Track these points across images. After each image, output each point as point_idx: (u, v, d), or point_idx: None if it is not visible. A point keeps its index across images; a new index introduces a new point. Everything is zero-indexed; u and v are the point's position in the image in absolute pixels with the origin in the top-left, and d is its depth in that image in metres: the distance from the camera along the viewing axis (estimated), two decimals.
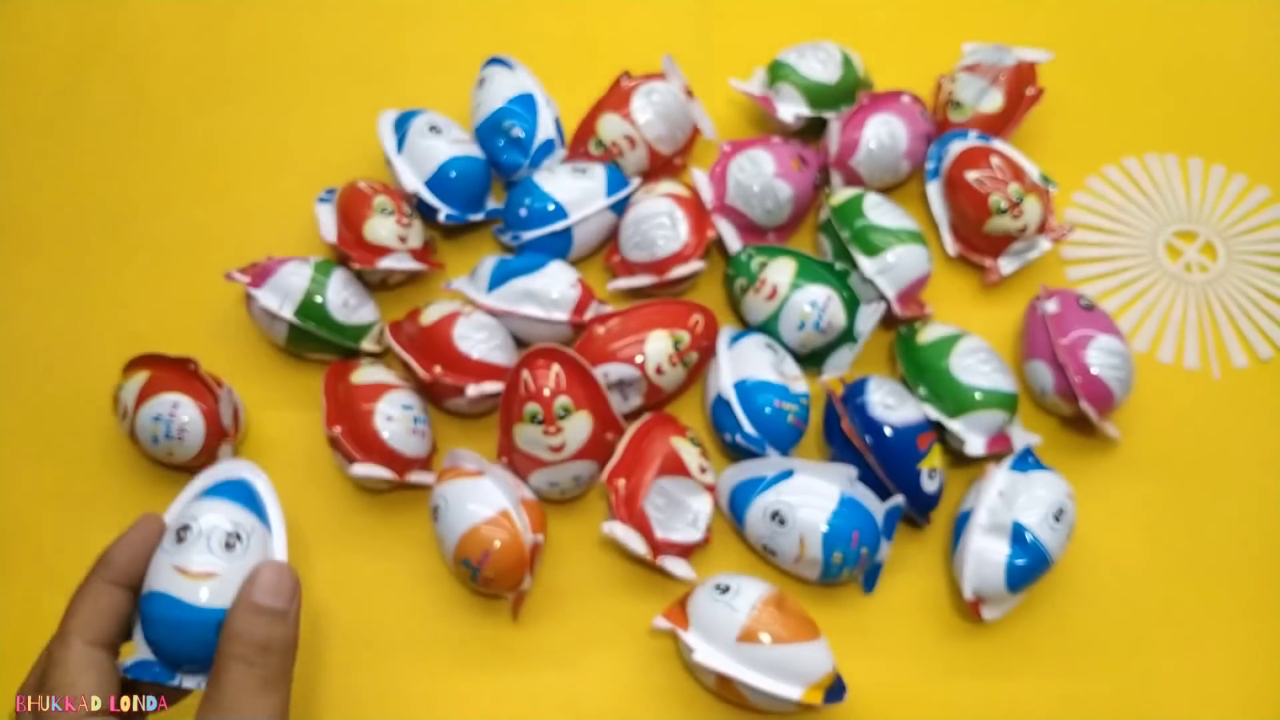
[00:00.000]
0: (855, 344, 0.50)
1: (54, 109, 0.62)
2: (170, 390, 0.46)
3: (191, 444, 0.46)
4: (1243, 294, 0.55)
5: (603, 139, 0.54)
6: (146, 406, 0.46)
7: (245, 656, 0.32)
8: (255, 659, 0.32)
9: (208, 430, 0.46)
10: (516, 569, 0.43)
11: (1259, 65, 0.63)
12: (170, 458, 0.47)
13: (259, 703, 0.32)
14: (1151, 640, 0.46)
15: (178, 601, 0.33)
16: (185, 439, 0.46)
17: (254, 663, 0.32)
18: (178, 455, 0.46)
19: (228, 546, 0.34)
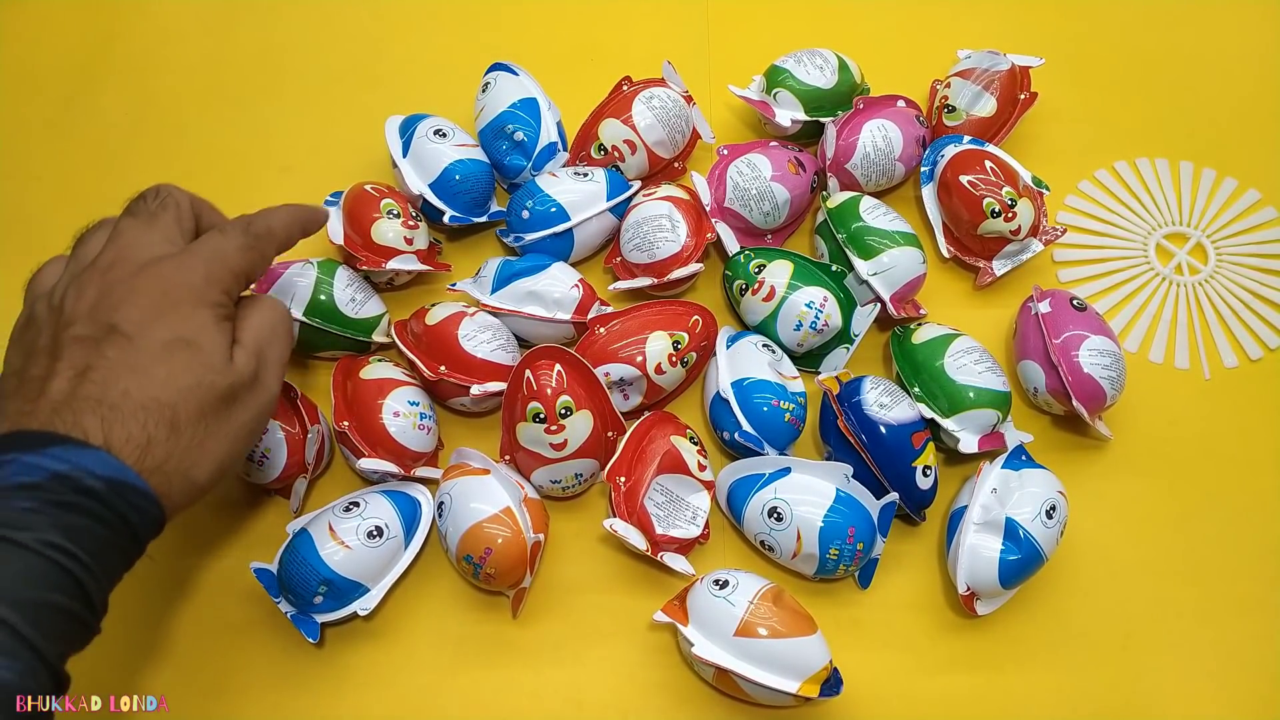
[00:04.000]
0: (851, 344, 0.51)
1: (61, 111, 0.62)
2: None
3: (269, 471, 0.46)
4: (1233, 295, 0.56)
5: (604, 143, 0.55)
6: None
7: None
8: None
9: (289, 461, 0.46)
10: (517, 567, 0.44)
11: (1250, 70, 0.64)
12: (246, 477, 0.47)
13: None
14: (1142, 635, 0.47)
15: (314, 549, 0.43)
16: (265, 465, 0.46)
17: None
18: (255, 477, 0.46)
19: (369, 535, 0.44)
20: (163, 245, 0.35)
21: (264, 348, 0.36)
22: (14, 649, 0.27)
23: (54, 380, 0.32)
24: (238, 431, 0.35)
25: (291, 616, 0.44)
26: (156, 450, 0.32)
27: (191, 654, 0.45)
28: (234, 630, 0.46)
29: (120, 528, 0.31)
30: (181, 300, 0.34)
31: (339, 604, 0.44)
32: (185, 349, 0.33)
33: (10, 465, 0.29)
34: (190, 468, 0.33)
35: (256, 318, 0.37)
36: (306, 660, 0.45)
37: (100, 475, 0.30)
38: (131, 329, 0.33)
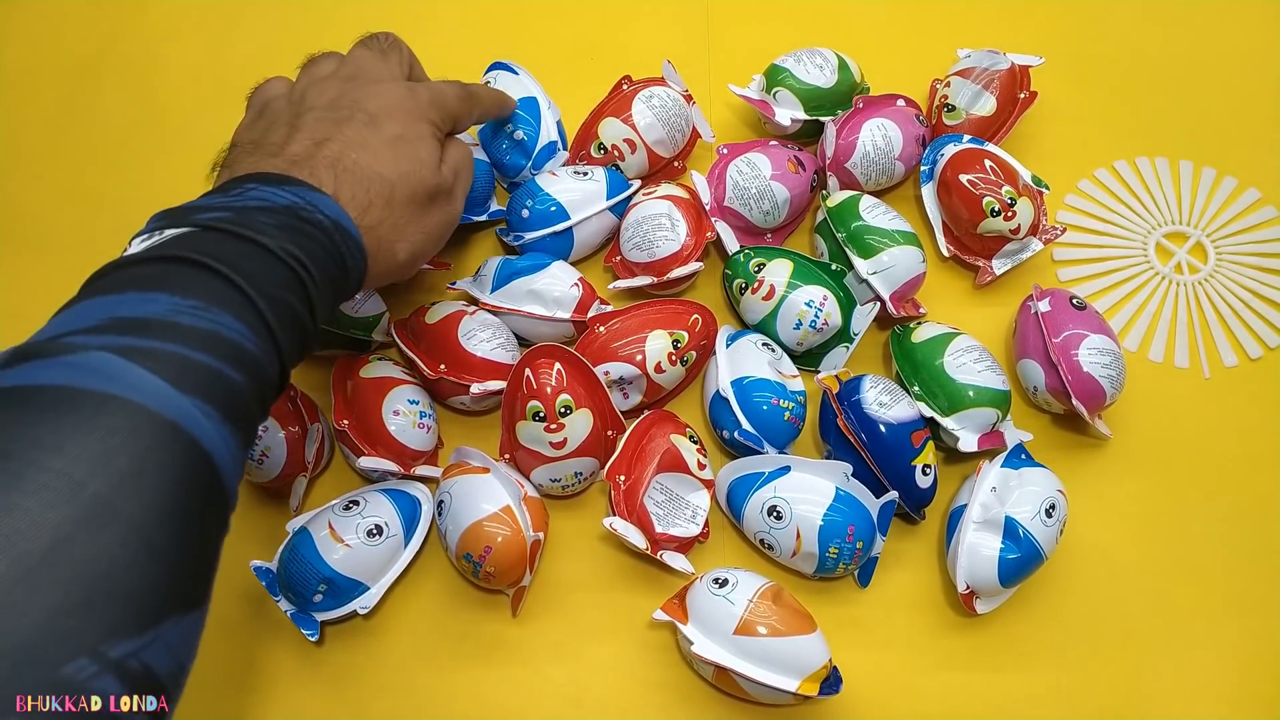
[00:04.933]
0: (851, 343, 0.51)
1: (63, 110, 0.63)
2: None
3: (269, 470, 0.46)
4: (1233, 294, 0.56)
5: (604, 142, 0.55)
6: None
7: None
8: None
9: (289, 460, 0.46)
10: (517, 565, 0.44)
11: (1250, 69, 0.64)
12: (246, 476, 0.47)
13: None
14: (1141, 634, 0.47)
15: (314, 547, 0.43)
16: (264, 464, 0.46)
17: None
18: (254, 476, 0.47)
19: (369, 534, 0.44)
20: (391, 74, 0.42)
21: (459, 171, 0.43)
22: (261, 331, 0.30)
23: (292, 144, 0.36)
24: (432, 228, 0.40)
25: (291, 615, 0.44)
26: (373, 213, 0.36)
27: None
28: (234, 629, 0.46)
29: (339, 261, 0.34)
30: (410, 110, 0.40)
31: (338, 602, 0.44)
32: (407, 145, 0.39)
33: (251, 192, 0.33)
34: (394, 241, 0.38)
35: (456, 148, 0.43)
36: (306, 658, 0.45)
37: (328, 215, 0.34)
38: (367, 118, 0.38)
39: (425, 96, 0.41)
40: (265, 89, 0.42)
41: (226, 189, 0.34)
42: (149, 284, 0.29)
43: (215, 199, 0.33)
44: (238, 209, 0.32)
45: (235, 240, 0.31)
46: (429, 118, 0.41)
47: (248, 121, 0.40)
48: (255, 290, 0.30)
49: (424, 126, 0.40)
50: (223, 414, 0.28)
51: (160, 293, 0.29)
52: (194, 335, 0.28)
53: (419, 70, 0.46)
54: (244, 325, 0.29)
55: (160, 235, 0.31)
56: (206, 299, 0.29)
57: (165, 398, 0.26)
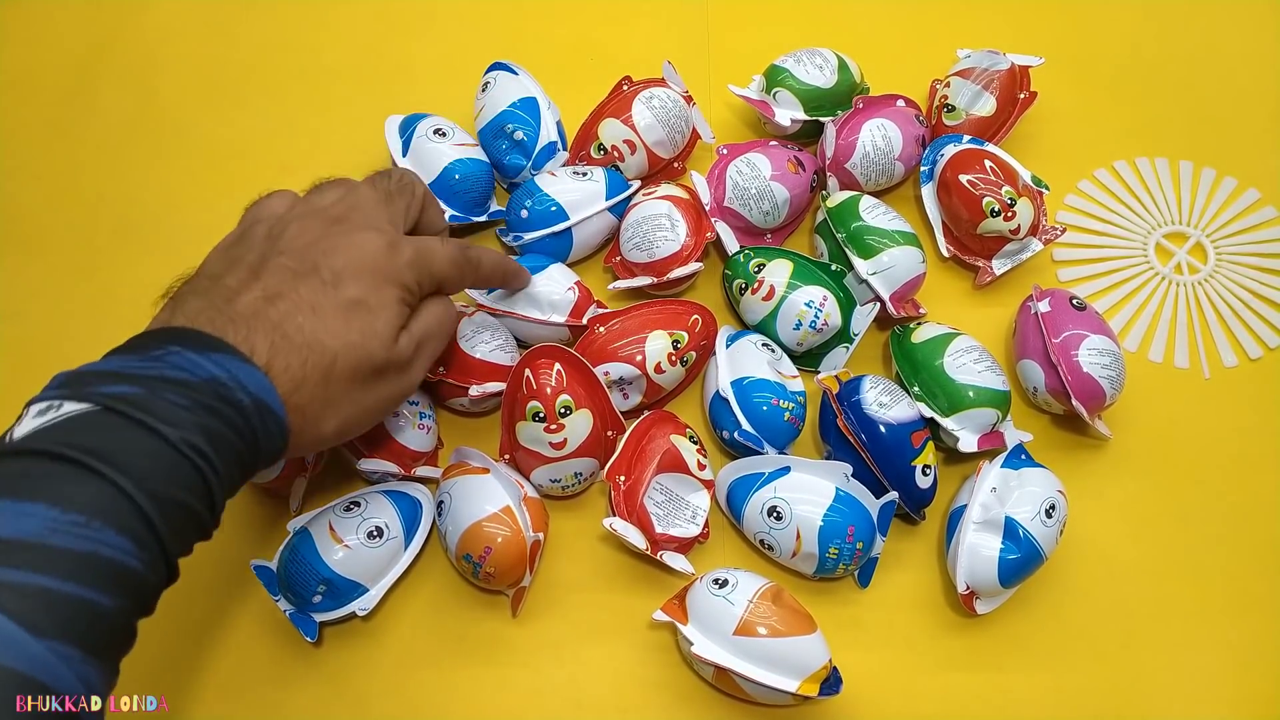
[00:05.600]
0: (850, 343, 0.51)
1: (63, 110, 0.63)
2: None
3: (269, 470, 0.45)
4: (1233, 294, 0.56)
5: (603, 142, 0.55)
6: None
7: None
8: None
9: (289, 460, 0.45)
10: (517, 565, 0.44)
11: (1250, 69, 0.64)
12: None
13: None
14: (1141, 634, 0.47)
15: (314, 548, 0.44)
16: None
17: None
18: (255, 477, 0.45)
19: (370, 535, 0.44)
20: (387, 223, 0.39)
21: (425, 341, 0.39)
22: (147, 541, 0.29)
23: (244, 294, 0.34)
24: (373, 403, 0.37)
25: (290, 615, 0.44)
26: (305, 391, 0.34)
27: (191, 653, 0.45)
28: (234, 629, 0.46)
29: (251, 445, 0.32)
30: (380, 270, 0.37)
31: (337, 604, 0.44)
32: (365, 313, 0.36)
33: (172, 358, 0.31)
34: (323, 418, 0.35)
35: (430, 311, 0.40)
36: (306, 659, 0.45)
37: (251, 392, 0.32)
38: (329, 275, 0.35)
39: (406, 256, 0.38)
40: (261, 207, 0.39)
41: (147, 347, 0.31)
42: (27, 490, 0.27)
43: (131, 362, 0.31)
44: (151, 381, 0.30)
45: (134, 430, 0.29)
46: (400, 280, 0.37)
47: (227, 243, 0.38)
48: (147, 495, 0.28)
49: (390, 291, 0.37)
50: (85, 651, 0.26)
51: (39, 503, 0.27)
52: (67, 560, 0.26)
53: (433, 214, 0.43)
54: (128, 539, 0.28)
55: (57, 411, 0.29)
56: (89, 512, 0.27)
57: (17, 647, 0.25)
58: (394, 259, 0.37)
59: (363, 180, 0.40)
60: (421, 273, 0.38)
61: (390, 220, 0.39)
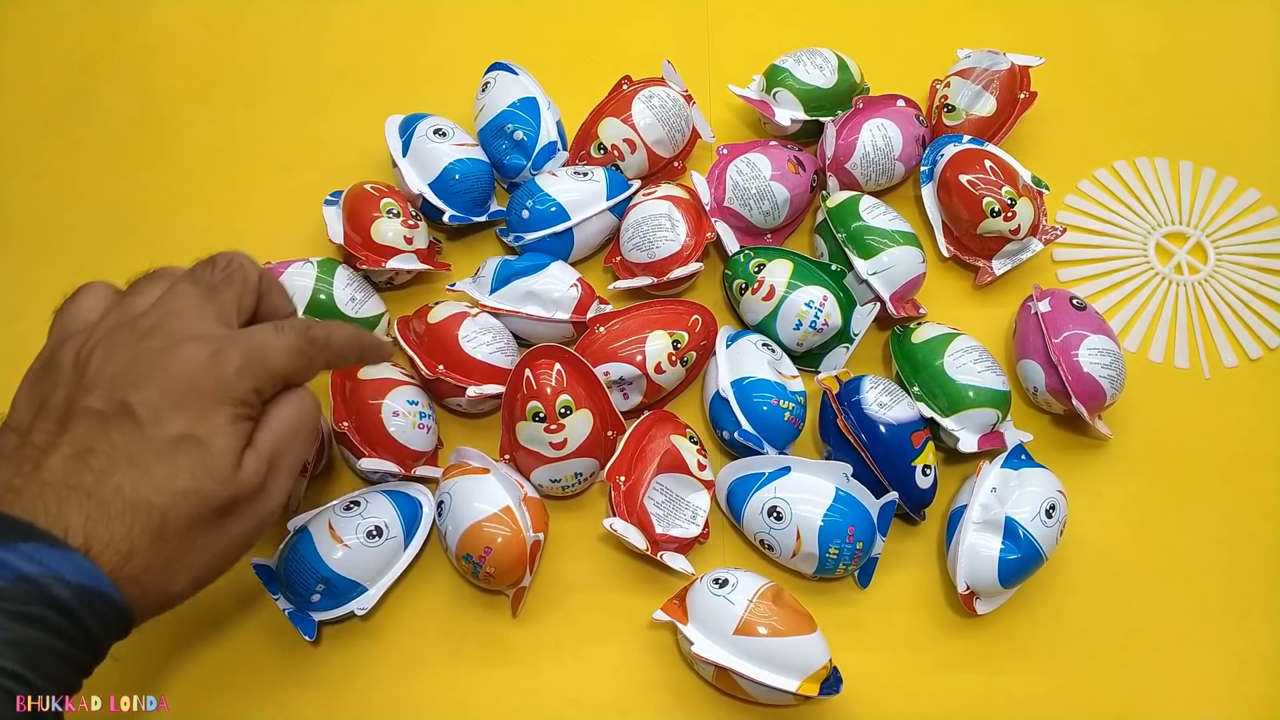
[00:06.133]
0: (851, 343, 0.51)
1: (63, 110, 0.63)
2: None
3: None
4: (1233, 295, 0.56)
5: (604, 142, 0.55)
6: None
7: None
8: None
9: None
10: (517, 566, 0.44)
11: (1250, 70, 0.64)
12: None
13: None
14: (1141, 634, 0.47)
15: (313, 547, 0.43)
16: None
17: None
18: None
19: (369, 535, 0.44)
20: (211, 323, 0.33)
21: (280, 454, 0.33)
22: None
23: (53, 455, 0.30)
24: (227, 545, 0.32)
25: (289, 614, 0.44)
26: (137, 560, 0.29)
27: (190, 653, 0.45)
28: (233, 628, 0.46)
29: (81, 643, 0.28)
30: (205, 391, 0.31)
31: (336, 603, 0.44)
32: (193, 448, 0.30)
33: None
34: (169, 579, 0.31)
35: (280, 416, 0.34)
36: (306, 659, 0.45)
37: (71, 583, 0.28)
38: (145, 413, 0.30)
39: (234, 363, 0.32)
40: (68, 314, 0.35)
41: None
42: None
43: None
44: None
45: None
46: (231, 396, 0.31)
47: (36, 367, 0.34)
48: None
49: (221, 413, 0.31)
50: None
51: None
52: None
53: (275, 298, 0.36)
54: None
55: None
56: None
57: None
58: (220, 372, 0.31)
59: (183, 276, 0.34)
60: (259, 377, 0.32)
61: (218, 317, 0.33)
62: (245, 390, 0.32)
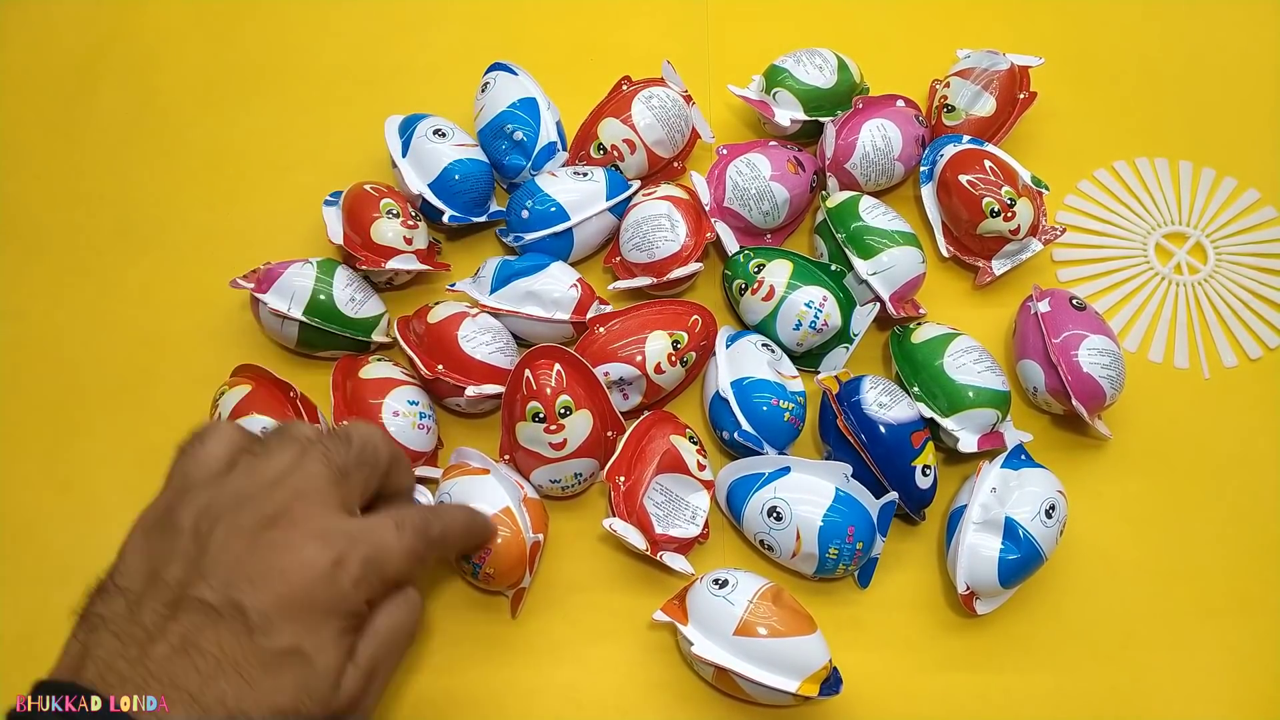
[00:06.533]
0: (850, 344, 0.51)
1: (62, 111, 0.63)
2: (265, 413, 0.46)
3: None
4: (1232, 295, 0.56)
5: (603, 142, 0.55)
6: (240, 423, 0.45)
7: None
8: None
9: None
10: (517, 567, 0.44)
11: (1250, 69, 0.64)
12: None
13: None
14: (1141, 634, 0.47)
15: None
16: None
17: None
18: None
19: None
20: (335, 514, 0.33)
21: (379, 664, 0.33)
22: None
23: (159, 643, 0.29)
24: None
25: None
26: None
27: None
28: None
29: None
30: (318, 604, 0.31)
31: None
32: (298, 664, 0.30)
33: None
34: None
35: (385, 625, 0.33)
36: None
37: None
38: (257, 619, 0.30)
39: (352, 574, 0.31)
40: (192, 460, 0.34)
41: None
42: None
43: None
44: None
45: None
46: (344, 609, 0.31)
47: (152, 518, 0.33)
48: None
49: (331, 627, 0.31)
50: None
51: None
52: None
53: (398, 477, 0.37)
54: None
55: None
56: None
57: None
58: (338, 584, 0.31)
59: (316, 446, 0.34)
60: (374, 587, 0.32)
61: (342, 506, 0.33)
62: (358, 602, 0.32)
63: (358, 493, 0.34)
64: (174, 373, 0.53)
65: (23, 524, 0.50)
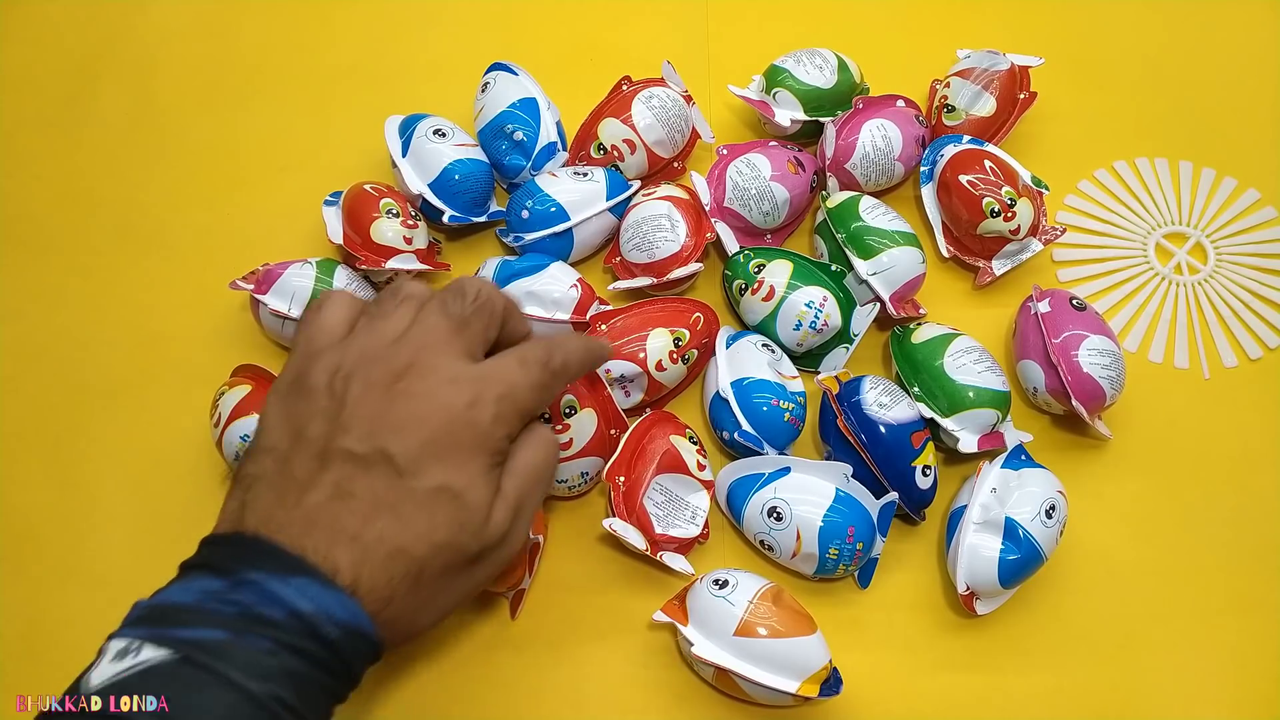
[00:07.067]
0: (850, 344, 0.51)
1: (63, 111, 0.63)
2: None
3: None
4: (1233, 295, 0.56)
5: (603, 142, 0.55)
6: (239, 424, 0.46)
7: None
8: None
9: None
10: (516, 568, 0.44)
11: (1250, 69, 0.64)
12: None
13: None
14: (1141, 635, 0.47)
15: None
16: None
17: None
18: None
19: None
20: (461, 361, 0.33)
21: (525, 499, 0.34)
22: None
23: (313, 491, 0.30)
24: (471, 587, 0.34)
25: None
26: (394, 605, 0.30)
27: None
28: None
29: (342, 676, 0.30)
30: (462, 442, 0.32)
31: None
32: (450, 502, 0.31)
33: (253, 589, 0.28)
34: (416, 620, 0.32)
35: (525, 461, 0.34)
36: None
37: (339, 622, 0.29)
38: (404, 463, 0.31)
39: (490, 412, 0.32)
40: (315, 327, 0.35)
41: (230, 571, 0.29)
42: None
43: (212, 594, 0.29)
44: (233, 622, 0.28)
45: (214, 686, 0.27)
46: (489, 445, 0.32)
47: (285, 385, 0.34)
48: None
49: (478, 463, 0.32)
50: None
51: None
52: None
53: (515, 325, 0.37)
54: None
55: (135, 656, 0.27)
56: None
57: None
58: (476, 422, 0.32)
59: (433, 300, 0.35)
60: (509, 422, 0.33)
61: (466, 353, 0.34)
62: (499, 438, 0.33)
63: (479, 340, 0.35)
64: (174, 373, 0.53)
65: (23, 524, 0.50)
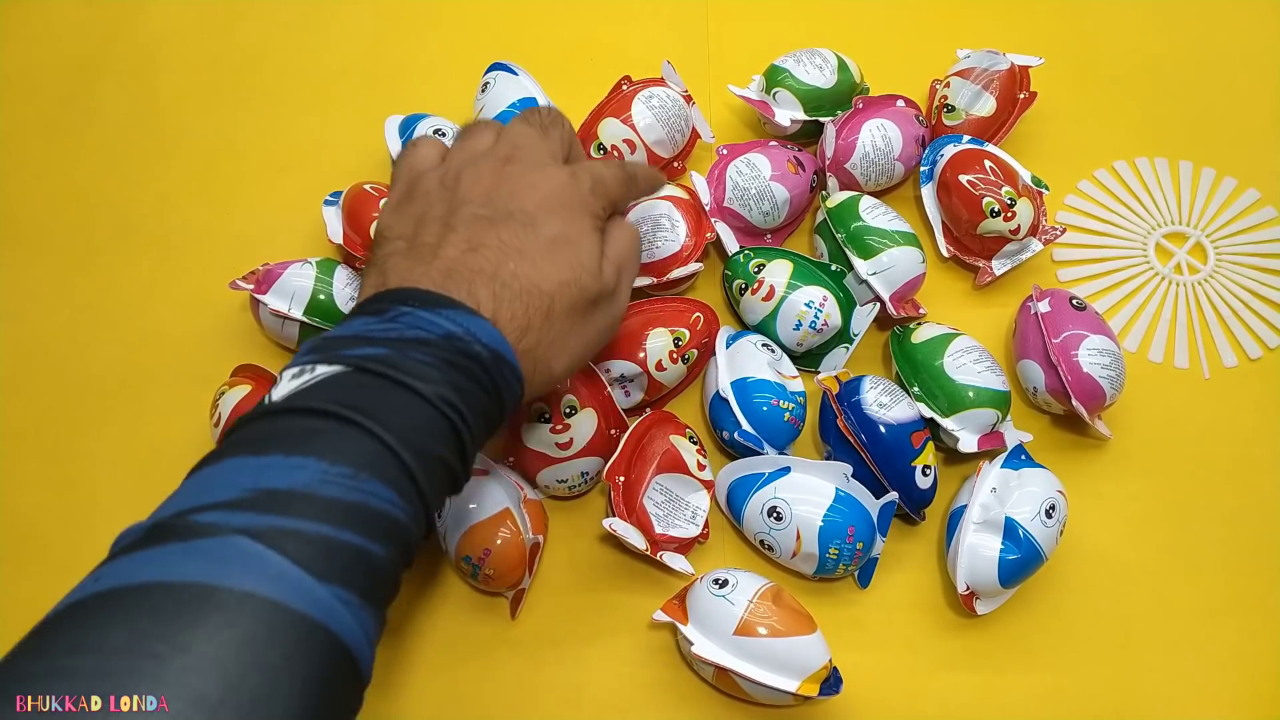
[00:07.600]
0: (850, 344, 0.51)
1: (62, 111, 0.63)
2: None
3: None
4: (1232, 295, 0.56)
5: (603, 142, 0.55)
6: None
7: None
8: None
9: None
10: (516, 568, 0.44)
11: (1250, 69, 0.64)
12: None
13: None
14: (1141, 634, 0.47)
15: None
16: None
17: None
18: None
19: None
20: (551, 155, 0.38)
21: (624, 265, 0.39)
22: (409, 493, 0.29)
23: (446, 247, 0.34)
24: (592, 335, 0.37)
25: None
26: (531, 335, 0.34)
27: None
28: None
29: (494, 396, 0.32)
30: (570, 203, 0.36)
31: None
32: (568, 247, 0.35)
33: (406, 318, 0.31)
34: (552, 358, 0.35)
35: (618, 237, 0.39)
36: None
37: (486, 344, 0.32)
38: (525, 218, 0.35)
39: (586, 183, 0.37)
40: (415, 157, 0.39)
41: (381, 309, 0.32)
42: (296, 445, 0.28)
43: (370, 324, 0.31)
44: (394, 342, 0.31)
45: (390, 388, 0.29)
46: (591, 209, 0.37)
47: (396, 200, 0.38)
48: (408, 450, 0.29)
49: (585, 221, 0.37)
50: (363, 597, 0.27)
51: (308, 456, 0.27)
52: (339, 510, 0.27)
53: (579, 148, 0.42)
54: (394, 492, 0.28)
55: (310, 373, 0.30)
56: (356, 464, 0.28)
57: (305, 591, 0.25)
58: (578, 190, 0.37)
59: (514, 119, 0.40)
60: (602, 198, 0.38)
61: (551, 153, 0.38)
62: (598, 207, 0.38)
63: (560, 146, 0.39)
64: (174, 373, 0.53)
65: (23, 524, 0.50)
